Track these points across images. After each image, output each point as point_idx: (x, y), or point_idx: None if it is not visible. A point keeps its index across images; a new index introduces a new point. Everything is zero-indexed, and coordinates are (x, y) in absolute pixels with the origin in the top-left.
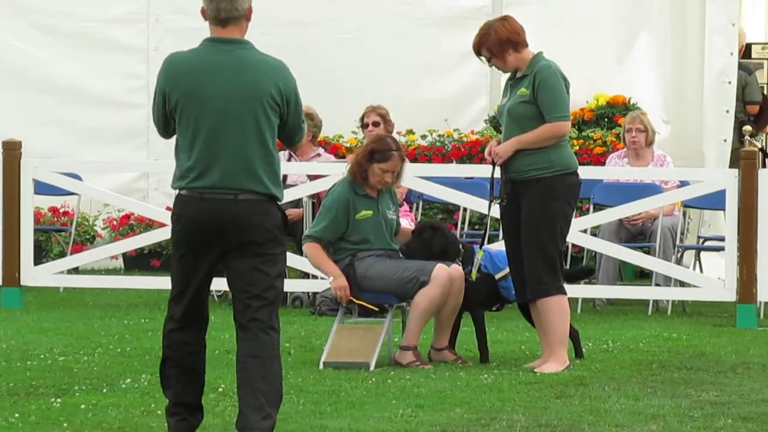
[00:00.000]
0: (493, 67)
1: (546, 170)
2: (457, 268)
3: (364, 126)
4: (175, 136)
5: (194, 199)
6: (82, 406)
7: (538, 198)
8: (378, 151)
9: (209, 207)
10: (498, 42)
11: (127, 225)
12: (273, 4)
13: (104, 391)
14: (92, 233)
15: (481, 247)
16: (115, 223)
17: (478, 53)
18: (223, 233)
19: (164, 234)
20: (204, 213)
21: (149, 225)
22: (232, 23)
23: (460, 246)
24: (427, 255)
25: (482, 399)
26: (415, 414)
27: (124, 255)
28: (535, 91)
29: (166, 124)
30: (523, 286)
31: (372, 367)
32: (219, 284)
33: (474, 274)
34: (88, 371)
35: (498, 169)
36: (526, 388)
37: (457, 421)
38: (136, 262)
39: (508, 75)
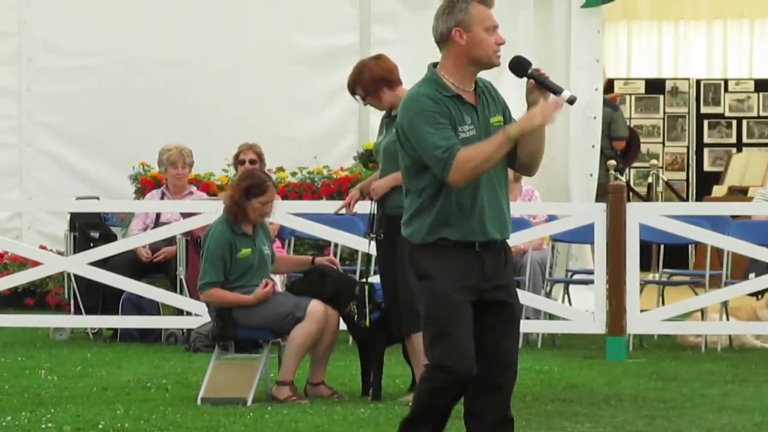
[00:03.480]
0: (368, 105)
1: None
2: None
3: (239, 163)
4: None
5: None
6: None
7: None
8: (254, 186)
9: None
10: (372, 80)
11: (1, 264)
12: (144, 44)
13: None
14: None
15: (366, 283)
16: None
17: (353, 92)
18: None
19: (37, 273)
20: None
21: (23, 264)
22: (440, 48)
23: (356, 289)
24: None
25: None
26: None
27: None
28: None
29: None
30: (399, 321)
31: (249, 403)
32: (93, 322)
33: (368, 321)
34: None
35: (374, 205)
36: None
37: None
38: (9, 301)
39: (381, 113)
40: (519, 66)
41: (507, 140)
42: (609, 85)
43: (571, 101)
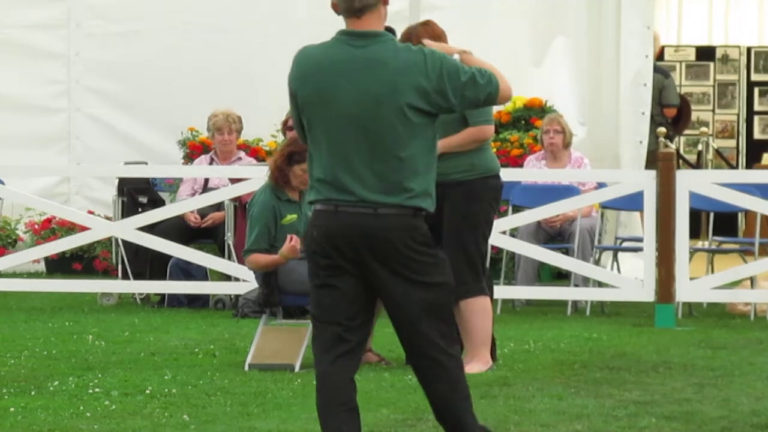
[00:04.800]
0: None
1: (468, 173)
2: None
3: (287, 129)
4: None
5: (329, 212)
6: (11, 409)
7: (460, 200)
8: (296, 153)
9: (344, 221)
10: None
11: (49, 229)
12: (194, 10)
13: (32, 393)
14: (14, 237)
15: None
16: (36, 226)
17: None
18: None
19: (85, 238)
20: (340, 227)
21: (71, 229)
22: (367, 12)
23: None
24: None
25: (408, 399)
26: None
27: (46, 259)
28: None
29: (301, 128)
30: None
31: (297, 369)
32: (141, 287)
33: None
34: (16, 374)
35: None
36: None
37: (383, 421)
38: (57, 266)
39: None
40: None
41: None
42: (660, 52)
43: None
